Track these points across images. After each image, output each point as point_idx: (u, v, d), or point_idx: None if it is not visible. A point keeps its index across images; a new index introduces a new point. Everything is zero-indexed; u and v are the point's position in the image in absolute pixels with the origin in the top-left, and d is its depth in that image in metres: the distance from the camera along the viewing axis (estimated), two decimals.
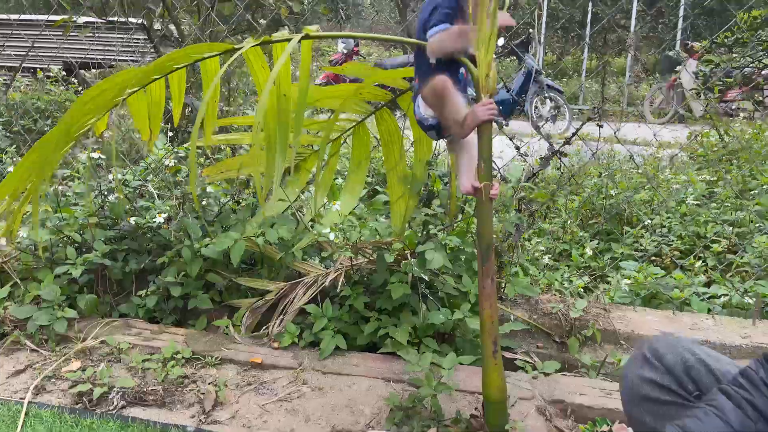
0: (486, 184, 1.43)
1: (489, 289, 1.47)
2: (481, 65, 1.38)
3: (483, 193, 1.43)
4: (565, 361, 2.06)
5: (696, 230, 3.51)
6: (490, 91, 1.39)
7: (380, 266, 2.02)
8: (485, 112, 1.39)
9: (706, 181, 4.54)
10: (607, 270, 3.19)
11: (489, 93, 1.39)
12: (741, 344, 2.04)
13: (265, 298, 2.15)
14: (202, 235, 2.23)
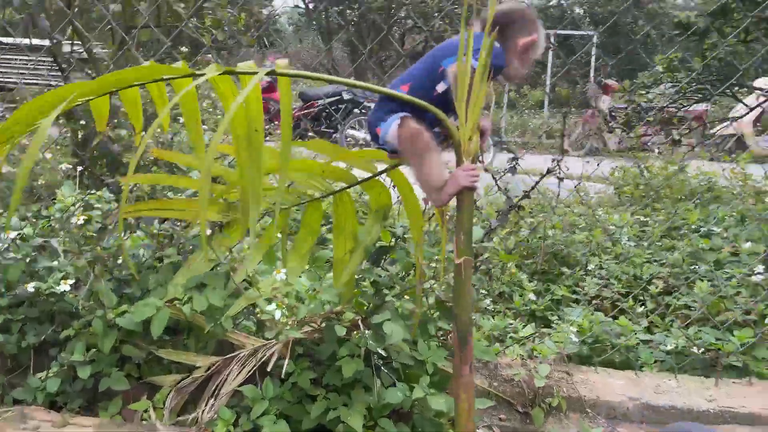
0: (466, 259, 1.24)
1: (467, 378, 1.28)
2: (465, 126, 1.20)
3: (462, 270, 1.24)
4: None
5: (633, 272, 3.50)
6: (472, 154, 1.21)
7: (329, 338, 1.78)
8: (467, 178, 1.21)
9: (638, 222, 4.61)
10: (550, 314, 3.10)
11: (471, 157, 1.21)
12: (708, 408, 1.95)
13: (193, 375, 1.86)
14: (118, 301, 1.91)
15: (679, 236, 4.07)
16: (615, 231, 4.01)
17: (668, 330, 2.77)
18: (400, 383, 1.80)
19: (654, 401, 1.96)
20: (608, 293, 3.31)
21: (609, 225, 4.13)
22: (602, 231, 3.90)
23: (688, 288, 3.20)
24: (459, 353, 1.27)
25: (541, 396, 1.96)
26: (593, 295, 3.30)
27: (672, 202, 5.04)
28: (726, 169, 5.13)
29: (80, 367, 1.80)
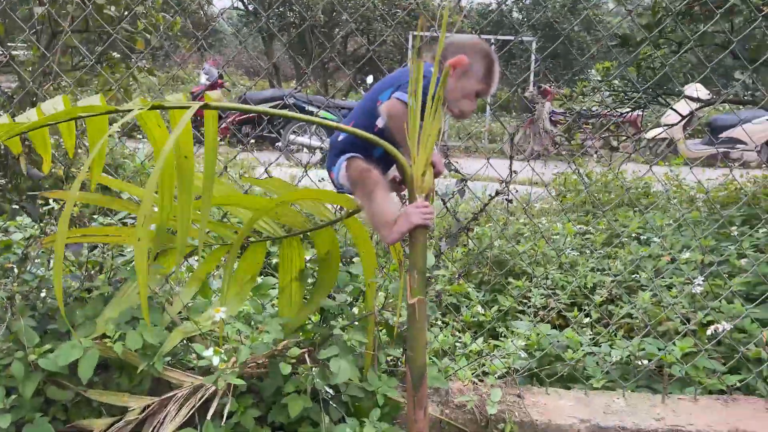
0: (420, 299, 1.17)
1: (422, 423, 1.22)
2: (417, 162, 1.14)
3: (416, 312, 1.17)
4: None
5: (577, 282, 3.53)
6: (425, 190, 1.15)
7: (273, 374, 1.69)
8: (419, 216, 1.15)
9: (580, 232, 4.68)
10: (498, 325, 3.09)
11: (425, 193, 1.15)
12: (657, 428, 1.96)
13: (127, 419, 1.72)
14: (41, 338, 1.76)
15: (620, 244, 4.15)
16: (558, 240, 4.06)
17: (612, 341, 2.80)
18: (350, 418, 1.73)
19: (604, 422, 1.96)
20: (554, 304, 3.33)
21: (553, 234, 4.18)
22: (546, 241, 3.94)
23: (630, 297, 3.25)
24: (412, 396, 1.21)
25: (493, 422, 1.92)
26: (539, 306, 3.32)
27: (612, 208, 5.16)
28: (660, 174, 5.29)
29: (0, 416, 1.64)
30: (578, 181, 5.50)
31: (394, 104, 1.32)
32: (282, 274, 1.87)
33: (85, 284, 1.98)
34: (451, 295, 3.49)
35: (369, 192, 1.25)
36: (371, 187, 1.25)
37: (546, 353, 2.61)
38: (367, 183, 1.26)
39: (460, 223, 2.02)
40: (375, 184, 1.25)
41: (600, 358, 2.61)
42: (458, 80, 1.36)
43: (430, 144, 1.14)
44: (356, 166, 1.30)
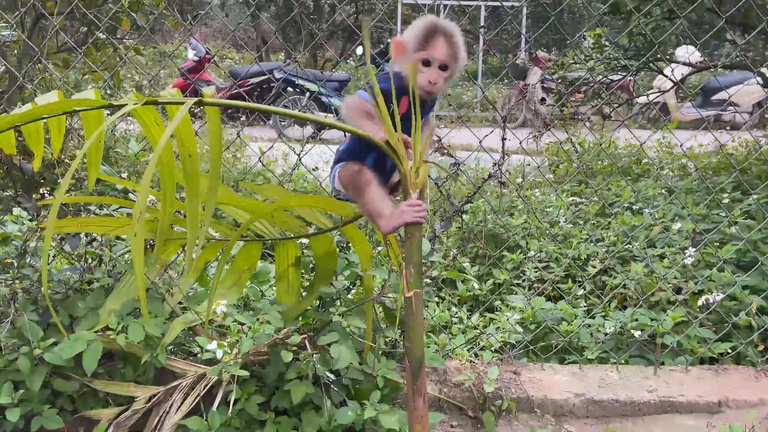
0: (416, 292, 1.20)
1: (421, 411, 1.26)
2: (412, 157, 1.15)
3: (413, 304, 1.20)
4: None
5: (571, 253, 3.57)
6: (419, 186, 1.16)
7: (275, 361, 1.72)
8: (412, 214, 1.17)
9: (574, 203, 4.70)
10: (493, 299, 3.13)
11: (418, 189, 1.17)
12: (649, 400, 2.02)
13: (133, 408, 1.76)
14: (44, 332, 1.79)
15: (612, 213, 4.19)
16: (552, 212, 4.09)
17: (606, 312, 2.85)
18: (351, 401, 1.77)
19: (598, 396, 2.01)
20: (548, 276, 3.38)
21: (546, 207, 4.20)
22: (539, 214, 3.97)
23: (623, 268, 3.30)
24: (412, 386, 1.24)
25: (490, 399, 1.97)
26: (534, 279, 3.36)
27: (604, 177, 5.18)
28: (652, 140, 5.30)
29: (9, 410, 1.68)
30: (570, 152, 5.51)
31: (347, 100, 1.37)
32: (278, 263, 1.90)
33: (85, 276, 2.00)
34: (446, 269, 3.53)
35: (361, 189, 1.29)
36: (363, 185, 1.29)
37: (540, 326, 2.66)
38: (359, 181, 1.30)
39: (455, 205, 2.04)
40: (366, 182, 1.29)
41: (594, 330, 2.66)
42: (405, 61, 1.35)
43: (422, 142, 1.16)
44: (347, 168, 1.36)
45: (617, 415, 1.99)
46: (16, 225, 2.10)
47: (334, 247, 1.72)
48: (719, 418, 1.96)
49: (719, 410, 1.99)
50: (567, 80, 6.28)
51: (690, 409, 2.00)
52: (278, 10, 14.50)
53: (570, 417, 1.99)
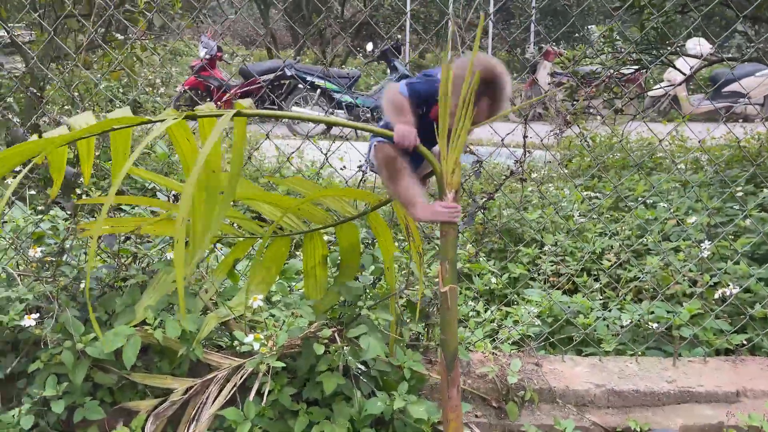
0: (451, 287, 1.26)
1: (455, 400, 1.32)
2: (448, 160, 1.21)
3: (448, 300, 1.26)
4: (506, 429, 1.97)
5: (586, 247, 3.62)
6: (455, 187, 1.22)
7: (306, 354, 1.79)
8: (446, 215, 1.23)
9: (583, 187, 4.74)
10: (509, 293, 3.19)
11: (454, 189, 1.22)
12: (669, 390, 2.07)
13: (171, 399, 1.83)
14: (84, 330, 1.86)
15: (626, 207, 4.22)
16: (566, 207, 4.13)
17: (622, 305, 2.90)
18: (380, 392, 1.83)
19: (618, 387, 2.07)
20: (564, 270, 3.42)
21: (560, 201, 4.24)
22: (554, 209, 4.01)
23: (637, 260, 3.34)
24: (446, 377, 1.30)
25: (514, 390, 2.03)
26: (550, 273, 3.41)
27: (616, 171, 5.21)
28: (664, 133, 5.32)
29: (54, 402, 1.75)
30: (583, 145, 5.54)
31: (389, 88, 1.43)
32: (306, 260, 1.96)
33: (120, 273, 2.07)
34: (463, 264, 3.58)
35: (394, 176, 1.37)
36: (396, 172, 1.36)
37: (558, 319, 2.71)
38: (392, 169, 1.37)
39: (476, 202, 2.10)
40: (398, 171, 1.36)
41: (611, 323, 2.71)
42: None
43: (460, 144, 1.21)
44: (384, 151, 1.40)
45: (637, 405, 2.04)
46: (52, 224, 2.17)
47: (358, 239, 1.78)
48: (737, 407, 2.01)
49: (737, 400, 2.04)
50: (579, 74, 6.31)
51: (708, 399, 2.05)
52: (287, 7, 14.53)
53: (591, 407, 2.05)
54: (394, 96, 1.38)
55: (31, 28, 5.30)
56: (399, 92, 1.39)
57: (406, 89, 1.40)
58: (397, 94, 1.38)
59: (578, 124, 5.71)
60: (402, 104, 1.35)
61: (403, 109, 1.33)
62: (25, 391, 1.84)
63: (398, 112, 1.33)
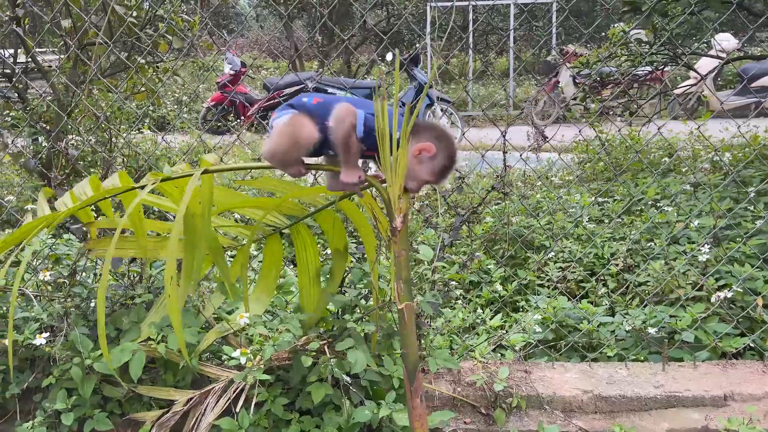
0: (407, 304, 1.35)
1: (419, 409, 1.40)
2: (393, 187, 1.30)
3: (405, 316, 1.35)
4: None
5: (595, 252, 3.64)
6: (402, 211, 1.31)
7: (297, 366, 1.89)
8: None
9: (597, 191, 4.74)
10: (519, 299, 3.24)
11: (402, 213, 1.31)
12: (655, 395, 2.11)
13: (173, 410, 1.96)
14: (94, 344, 2.00)
15: (638, 211, 4.23)
16: (576, 212, 4.16)
17: (627, 309, 2.93)
18: (368, 401, 1.93)
19: (605, 392, 2.11)
20: (571, 275, 3.46)
21: (571, 206, 4.27)
22: (564, 214, 4.04)
23: (646, 265, 3.36)
24: (409, 387, 1.39)
25: (501, 397, 2.10)
26: (557, 278, 3.45)
27: (633, 173, 5.20)
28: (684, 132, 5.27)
29: (64, 415, 1.90)
30: (599, 148, 5.53)
31: (345, 108, 1.45)
32: (300, 271, 2.07)
33: (128, 292, 2.21)
34: (473, 272, 3.65)
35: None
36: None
37: (563, 325, 2.76)
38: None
39: (461, 216, 2.17)
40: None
41: (615, 328, 2.74)
42: (418, 163, 1.45)
43: (401, 173, 1.30)
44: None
45: (624, 410, 2.09)
46: (66, 247, 2.33)
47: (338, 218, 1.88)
48: (724, 411, 2.03)
49: (725, 404, 2.07)
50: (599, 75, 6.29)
51: (696, 404, 2.08)
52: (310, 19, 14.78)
53: (578, 413, 2.10)
54: (349, 133, 1.41)
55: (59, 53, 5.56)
56: (354, 131, 1.42)
57: (361, 130, 1.43)
58: (352, 133, 1.41)
59: (594, 126, 5.71)
60: (354, 146, 1.41)
61: (353, 150, 1.40)
62: (39, 405, 2.00)
63: (347, 151, 1.40)
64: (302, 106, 1.51)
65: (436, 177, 1.45)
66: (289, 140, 1.46)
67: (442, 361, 2.12)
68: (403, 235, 1.33)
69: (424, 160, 1.43)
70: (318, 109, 1.49)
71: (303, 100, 1.52)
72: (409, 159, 1.41)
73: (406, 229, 1.34)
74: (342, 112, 1.40)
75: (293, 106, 1.51)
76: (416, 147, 1.43)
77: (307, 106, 1.50)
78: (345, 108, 1.41)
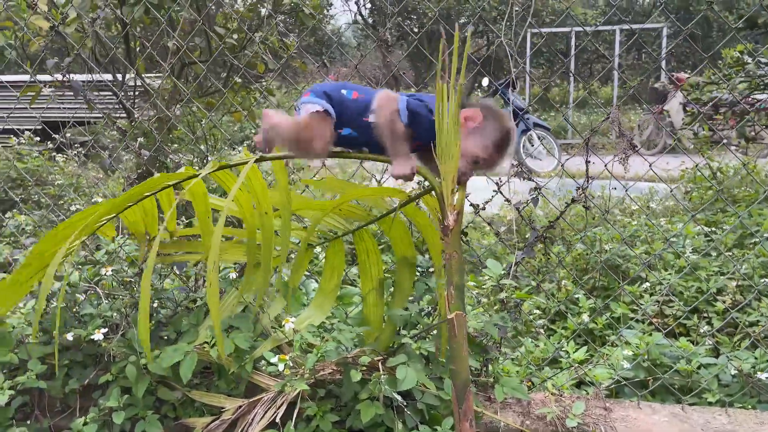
0: (458, 314, 1.20)
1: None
2: (445, 180, 1.18)
3: (456, 328, 1.20)
4: None
5: (697, 286, 3.30)
6: (457, 208, 1.18)
7: (347, 381, 1.78)
8: None
9: (704, 222, 4.34)
10: (610, 333, 2.97)
11: (456, 211, 1.18)
12: None
13: (222, 418, 1.90)
14: (156, 344, 1.99)
15: (752, 245, 3.80)
16: (678, 242, 3.80)
17: (735, 351, 2.60)
18: (423, 426, 1.77)
19: None
20: (669, 310, 3.14)
21: (671, 236, 3.91)
22: (663, 242, 3.70)
23: (759, 303, 2.99)
24: (458, 409, 1.23)
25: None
26: (653, 313, 3.14)
27: (746, 205, 4.72)
28: None
29: (115, 413, 1.88)
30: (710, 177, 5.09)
31: (390, 97, 1.39)
32: (363, 281, 1.96)
33: (191, 295, 2.20)
34: (560, 302, 3.40)
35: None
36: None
37: (656, 364, 2.48)
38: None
39: (536, 231, 1.99)
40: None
41: (719, 371, 2.44)
42: (466, 136, 1.35)
43: (453, 163, 1.17)
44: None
45: None
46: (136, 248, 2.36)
47: (405, 228, 1.76)
48: None
49: None
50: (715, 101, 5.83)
51: None
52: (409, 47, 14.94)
53: None
54: (394, 120, 1.34)
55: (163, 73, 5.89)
56: (399, 117, 1.35)
57: (405, 115, 1.35)
58: (397, 119, 1.34)
59: (703, 153, 5.26)
60: (401, 133, 1.33)
61: (400, 137, 1.32)
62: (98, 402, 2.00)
63: (395, 139, 1.31)
64: (339, 99, 1.43)
65: (489, 152, 1.34)
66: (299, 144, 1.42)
67: (510, 389, 1.93)
68: (455, 234, 1.19)
69: (472, 132, 1.31)
70: (357, 105, 1.41)
71: (342, 92, 1.45)
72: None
73: (459, 228, 1.20)
74: (383, 99, 1.33)
75: (329, 96, 1.43)
76: (461, 116, 1.32)
77: (345, 100, 1.43)
78: (385, 94, 1.33)
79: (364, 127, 1.40)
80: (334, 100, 1.43)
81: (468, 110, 1.35)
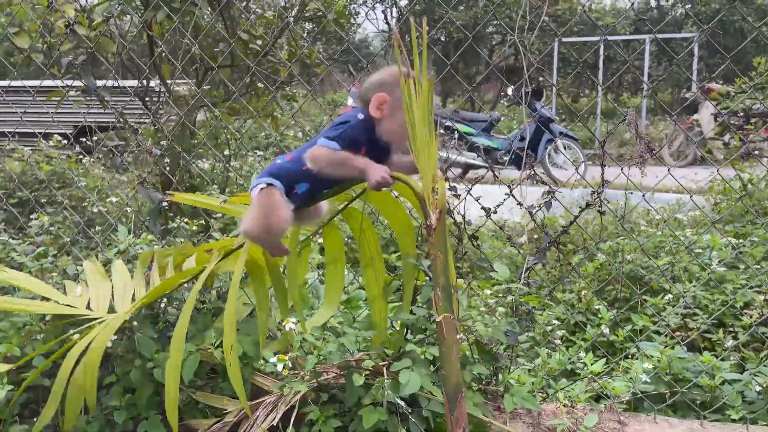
0: (446, 316, 1.16)
1: None
2: (425, 177, 1.14)
3: (444, 331, 1.16)
4: None
5: (723, 299, 3.19)
6: (439, 206, 1.13)
7: (350, 387, 1.74)
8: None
9: (733, 234, 4.22)
10: (629, 345, 2.88)
11: (438, 209, 1.14)
12: None
13: (224, 420, 1.88)
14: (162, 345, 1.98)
15: None
16: (704, 253, 3.68)
17: (760, 367, 2.50)
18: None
19: None
20: (692, 324, 3.04)
21: (697, 247, 3.79)
22: (689, 254, 3.59)
23: None
24: (449, 416, 1.19)
25: None
26: (676, 326, 3.05)
27: None
28: None
29: (117, 413, 1.87)
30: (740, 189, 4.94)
31: (314, 150, 1.42)
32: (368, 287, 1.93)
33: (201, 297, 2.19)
34: (581, 313, 3.32)
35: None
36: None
37: (677, 379, 2.40)
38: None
39: (549, 236, 1.93)
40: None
41: (744, 386, 2.34)
42: (390, 117, 1.37)
43: (432, 153, 1.13)
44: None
45: None
46: (149, 247, 2.37)
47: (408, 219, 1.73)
48: None
49: None
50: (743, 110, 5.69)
51: None
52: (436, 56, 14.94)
53: None
54: (329, 154, 1.38)
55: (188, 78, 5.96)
56: (331, 149, 1.38)
57: (336, 143, 1.38)
58: (331, 153, 1.37)
59: (734, 165, 5.12)
60: (345, 156, 1.36)
61: (350, 157, 1.35)
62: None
63: (347, 161, 1.35)
64: (278, 168, 1.52)
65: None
66: (260, 225, 1.48)
67: (520, 399, 1.87)
68: (439, 234, 1.15)
69: (396, 112, 1.32)
70: (294, 162, 1.49)
71: (277, 162, 1.54)
72: (390, 125, 1.35)
73: (443, 228, 1.16)
74: (309, 153, 1.42)
75: (269, 173, 1.53)
76: (372, 107, 1.36)
77: (283, 166, 1.51)
78: (309, 150, 1.42)
79: (312, 175, 1.46)
80: (274, 172, 1.52)
81: (373, 99, 1.37)
